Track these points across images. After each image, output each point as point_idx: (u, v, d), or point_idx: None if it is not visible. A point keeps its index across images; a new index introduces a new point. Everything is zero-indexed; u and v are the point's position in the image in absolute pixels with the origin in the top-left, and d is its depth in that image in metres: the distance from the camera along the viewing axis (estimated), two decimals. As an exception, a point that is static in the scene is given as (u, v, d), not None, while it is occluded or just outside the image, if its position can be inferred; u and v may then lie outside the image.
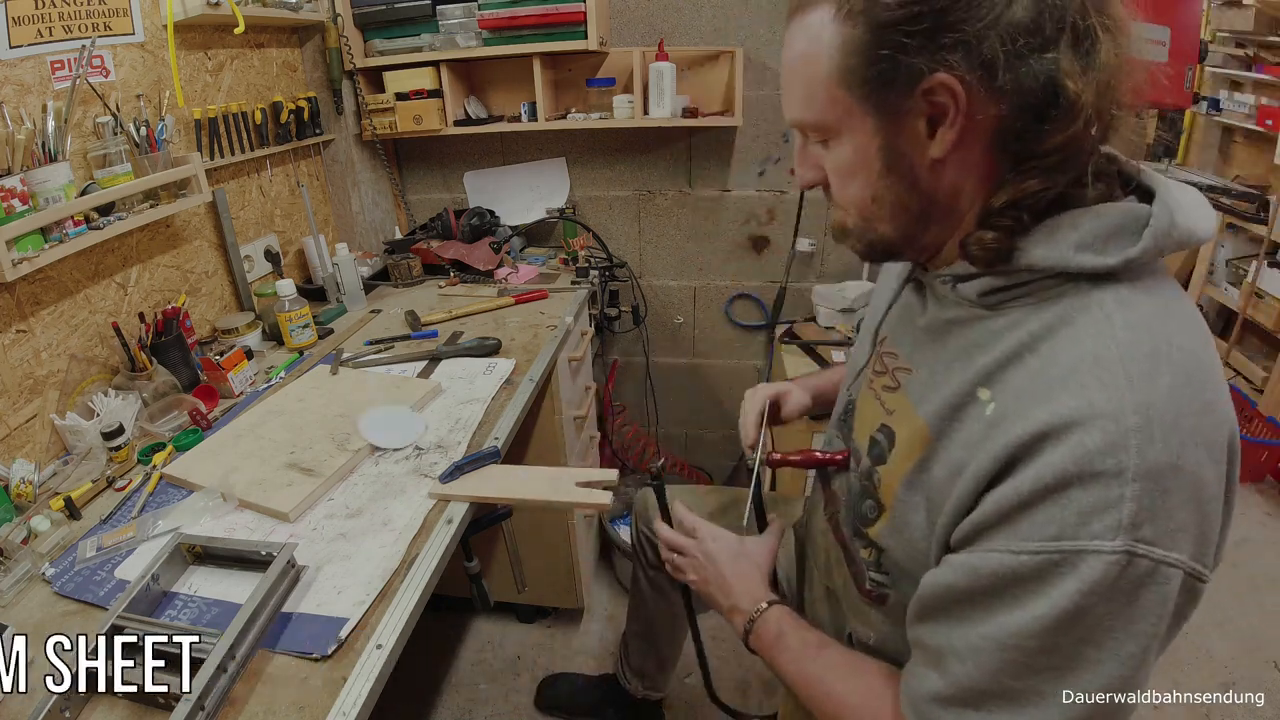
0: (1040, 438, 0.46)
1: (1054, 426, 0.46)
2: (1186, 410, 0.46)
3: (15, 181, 0.99)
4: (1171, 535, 0.45)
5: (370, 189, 1.96)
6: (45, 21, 1.09)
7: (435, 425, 1.13)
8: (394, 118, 1.79)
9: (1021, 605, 0.47)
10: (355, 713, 0.66)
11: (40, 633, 0.78)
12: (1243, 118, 2.53)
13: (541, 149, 1.97)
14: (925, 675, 0.55)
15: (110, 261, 1.25)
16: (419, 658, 1.74)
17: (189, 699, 0.64)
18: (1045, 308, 0.52)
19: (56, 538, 0.91)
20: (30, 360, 1.10)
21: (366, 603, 0.78)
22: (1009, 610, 0.48)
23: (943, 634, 0.53)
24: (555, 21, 1.64)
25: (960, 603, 0.51)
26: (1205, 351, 0.50)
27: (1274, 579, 1.87)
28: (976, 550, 0.50)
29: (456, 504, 0.94)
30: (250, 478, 0.99)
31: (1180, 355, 0.47)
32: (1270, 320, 2.36)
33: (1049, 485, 0.45)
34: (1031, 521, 0.46)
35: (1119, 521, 0.44)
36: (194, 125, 1.40)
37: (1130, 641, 0.46)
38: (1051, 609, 0.46)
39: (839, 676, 0.67)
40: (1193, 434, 0.45)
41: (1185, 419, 0.45)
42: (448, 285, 1.75)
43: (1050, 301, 0.52)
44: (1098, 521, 0.44)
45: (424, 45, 1.74)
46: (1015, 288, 0.53)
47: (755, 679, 1.63)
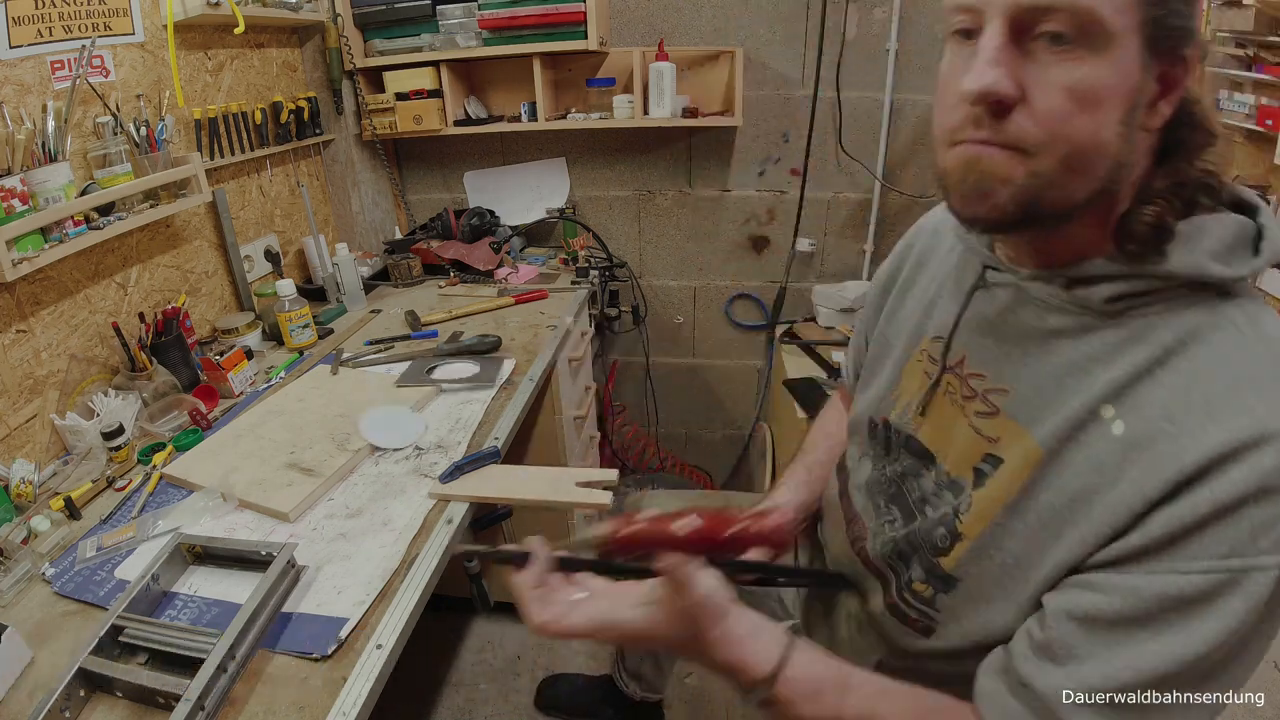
0: (1218, 460, 0.45)
1: (1231, 447, 0.44)
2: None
3: (15, 181, 0.99)
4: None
5: (370, 189, 1.96)
6: (45, 21, 1.09)
7: (435, 425, 1.13)
8: (394, 118, 1.80)
9: (1188, 627, 0.46)
10: (355, 712, 0.66)
11: (40, 633, 0.78)
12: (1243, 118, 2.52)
13: (541, 149, 1.98)
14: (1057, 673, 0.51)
15: (110, 261, 1.25)
16: (419, 658, 1.74)
17: (189, 699, 0.64)
18: (1171, 319, 0.49)
19: (56, 538, 0.91)
20: (30, 360, 1.10)
21: (366, 603, 0.78)
22: (1174, 633, 0.46)
23: (1088, 652, 0.50)
24: (555, 21, 1.64)
25: (1115, 626, 0.48)
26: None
27: (1274, 579, 1.86)
28: (1135, 572, 0.47)
29: (456, 504, 0.94)
30: (250, 478, 0.99)
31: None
32: (1270, 320, 2.36)
33: (1225, 506, 0.44)
34: (1202, 542, 0.45)
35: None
36: (194, 125, 1.40)
37: (1262, 647, 0.48)
38: (1220, 628, 0.45)
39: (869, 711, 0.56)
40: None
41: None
42: (448, 285, 1.75)
43: (1176, 313, 0.49)
44: (1265, 538, 0.44)
45: (424, 45, 1.74)
46: (1147, 294, 0.50)
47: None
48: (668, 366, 2.22)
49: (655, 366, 2.21)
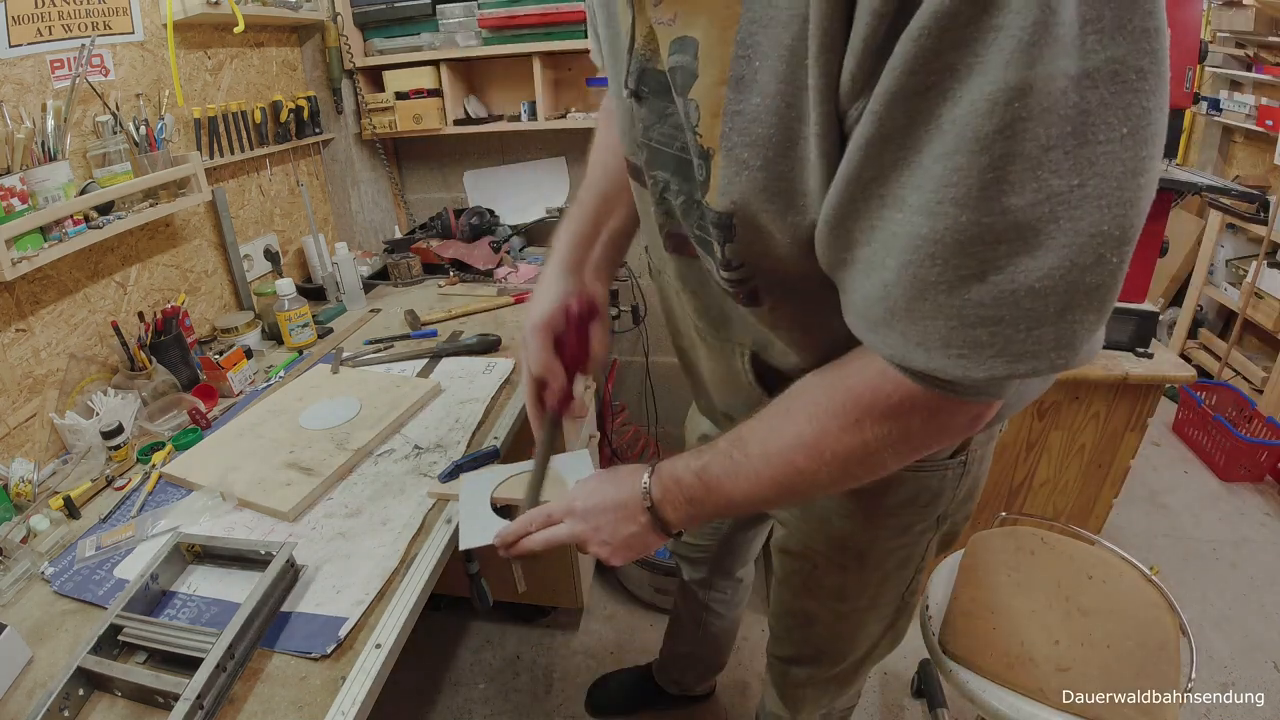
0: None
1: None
2: None
3: (15, 180, 0.99)
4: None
5: (370, 188, 1.96)
6: (45, 20, 1.09)
7: (435, 425, 1.13)
8: (394, 117, 1.79)
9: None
10: (354, 712, 0.66)
11: (40, 632, 0.78)
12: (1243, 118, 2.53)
13: (541, 148, 1.97)
14: (866, 283, 0.43)
15: (110, 261, 1.24)
16: (418, 657, 1.74)
17: (188, 698, 0.64)
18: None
19: (56, 537, 0.91)
20: (30, 359, 1.09)
21: (365, 602, 0.78)
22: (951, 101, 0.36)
23: (882, 196, 0.40)
24: (555, 21, 1.64)
25: (890, 141, 0.38)
26: None
27: (1274, 579, 1.87)
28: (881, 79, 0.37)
29: (456, 503, 0.94)
30: (249, 477, 0.99)
31: None
32: (1270, 320, 2.36)
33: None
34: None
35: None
36: (193, 124, 1.40)
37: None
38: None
39: (777, 434, 0.54)
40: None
41: None
42: (447, 284, 1.75)
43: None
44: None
45: (424, 44, 1.74)
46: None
47: (754, 679, 1.63)
48: (668, 366, 2.22)
49: (655, 366, 2.20)
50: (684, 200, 0.56)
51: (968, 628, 1.02)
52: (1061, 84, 0.34)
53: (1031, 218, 0.36)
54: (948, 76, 0.35)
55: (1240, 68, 2.58)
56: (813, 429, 0.51)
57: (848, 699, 1.07)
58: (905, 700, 1.58)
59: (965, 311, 0.39)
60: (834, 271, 0.47)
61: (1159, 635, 0.98)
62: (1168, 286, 2.93)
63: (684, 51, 0.48)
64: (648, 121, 0.56)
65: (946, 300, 0.39)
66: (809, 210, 0.46)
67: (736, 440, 0.57)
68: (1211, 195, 2.44)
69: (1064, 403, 1.41)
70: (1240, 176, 2.62)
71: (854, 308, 0.46)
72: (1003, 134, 0.35)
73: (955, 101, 0.35)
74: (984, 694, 0.96)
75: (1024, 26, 0.33)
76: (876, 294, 0.43)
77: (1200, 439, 2.39)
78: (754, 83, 0.44)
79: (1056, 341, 0.39)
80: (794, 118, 0.43)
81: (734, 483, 0.57)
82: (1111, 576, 1.08)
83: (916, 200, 0.38)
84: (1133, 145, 0.36)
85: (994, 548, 1.15)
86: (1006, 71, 0.33)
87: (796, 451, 0.52)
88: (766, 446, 0.54)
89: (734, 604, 1.35)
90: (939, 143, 0.36)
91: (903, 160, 0.38)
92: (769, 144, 0.45)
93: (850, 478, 0.54)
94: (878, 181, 0.40)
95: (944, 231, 0.37)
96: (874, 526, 0.76)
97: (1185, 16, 1.20)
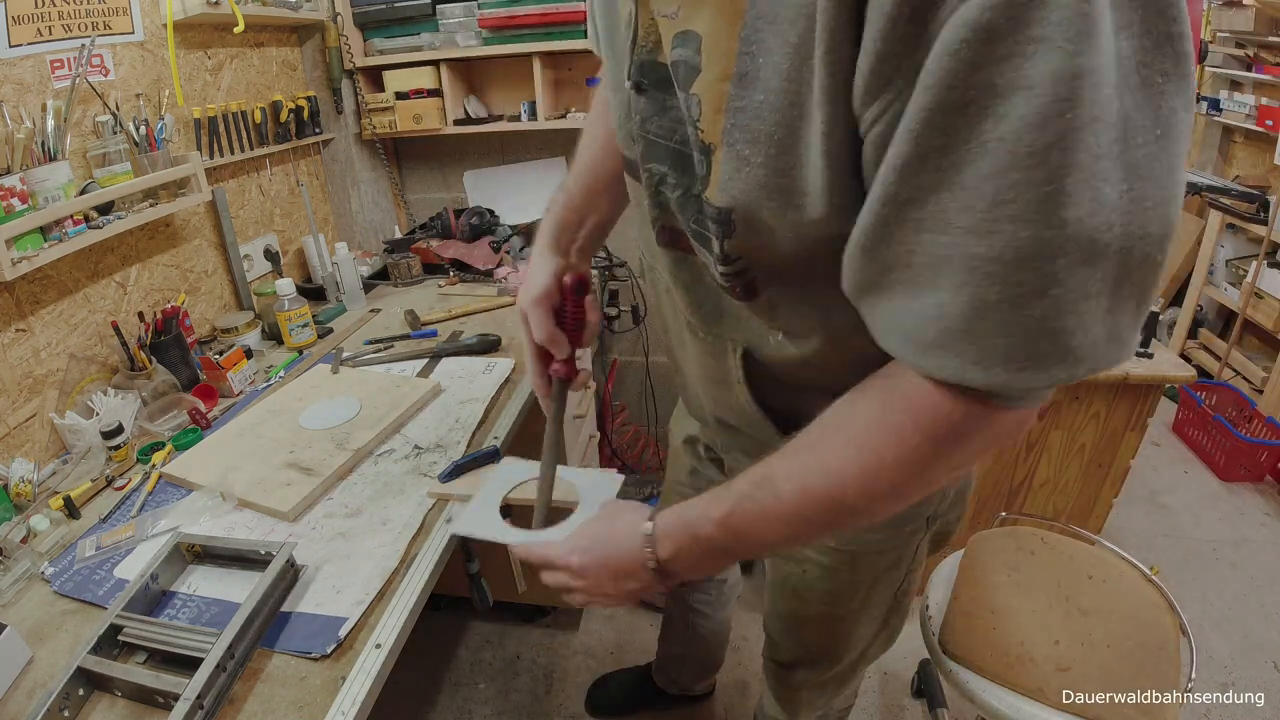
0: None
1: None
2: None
3: (15, 180, 0.99)
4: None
5: (370, 188, 1.96)
6: (45, 20, 1.09)
7: (435, 425, 1.13)
8: (394, 117, 1.79)
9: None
10: (354, 712, 0.66)
11: (39, 632, 0.78)
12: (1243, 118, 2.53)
13: (541, 148, 1.97)
14: (913, 305, 0.42)
15: (110, 261, 1.24)
16: (418, 657, 1.74)
17: (188, 698, 0.64)
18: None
19: (56, 537, 0.91)
20: (29, 359, 1.09)
21: (365, 602, 0.78)
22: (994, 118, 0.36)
23: (921, 209, 0.39)
24: (555, 21, 1.64)
25: (928, 161, 0.37)
26: None
27: (1274, 579, 1.87)
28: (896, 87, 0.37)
29: (456, 503, 0.94)
30: (249, 477, 0.99)
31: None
32: (1270, 320, 2.36)
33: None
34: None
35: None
36: (194, 124, 1.40)
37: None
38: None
39: (817, 467, 0.50)
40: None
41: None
42: (447, 284, 1.75)
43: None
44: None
45: (424, 44, 1.74)
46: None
47: (754, 679, 1.63)
48: (667, 366, 2.21)
49: (655, 366, 2.20)
50: (681, 194, 0.55)
51: (968, 628, 1.02)
52: (1106, 92, 0.34)
53: (1090, 228, 0.36)
54: (987, 93, 0.34)
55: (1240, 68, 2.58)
56: (864, 459, 0.48)
57: (844, 699, 1.07)
58: (905, 700, 1.58)
59: (1028, 327, 0.39)
60: (863, 293, 0.46)
61: (1159, 635, 0.98)
62: (1168, 286, 2.93)
63: (687, 46, 0.47)
64: (646, 114, 0.56)
65: (1009, 318, 0.39)
66: (808, 209, 0.45)
67: (763, 481, 0.53)
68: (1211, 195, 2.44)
69: (1064, 403, 1.41)
70: (1240, 176, 2.62)
71: (896, 330, 0.45)
72: (1057, 147, 0.34)
73: (999, 118, 0.35)
74: (984, 694, 0.96)
75: (1068, 38, 0.32)
76: (928, 315, 0.41)
77: (1200, 439, 2.39)
78: (758, 79, 0.43)
79: (1110, 339, 0.40)
80: (797, 116, 0.43)
81: (766, 526, 0.53)
82: (1111, 576, 1.08)
83: (967, 221, 0.37)
84: (1167, 145, 0.36)
85: (994, 548, 1.15)
86: (1056, 85, 0.33)
87: (846, 486, 0.49)
88: (806, 482, 0.50)
89: (719, 605, 1.35)
90: (985, 162, 0.36)
91: (943, 181, 0.37)
92: (771, 141, 0.44)
93: (904, 503, 0.51)
94: (915, 204, 0.39)
95: (1002, 249, 0.37)
96: (865, 529, 0.76)
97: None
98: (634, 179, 0.64)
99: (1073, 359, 0.40)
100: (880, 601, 0.85)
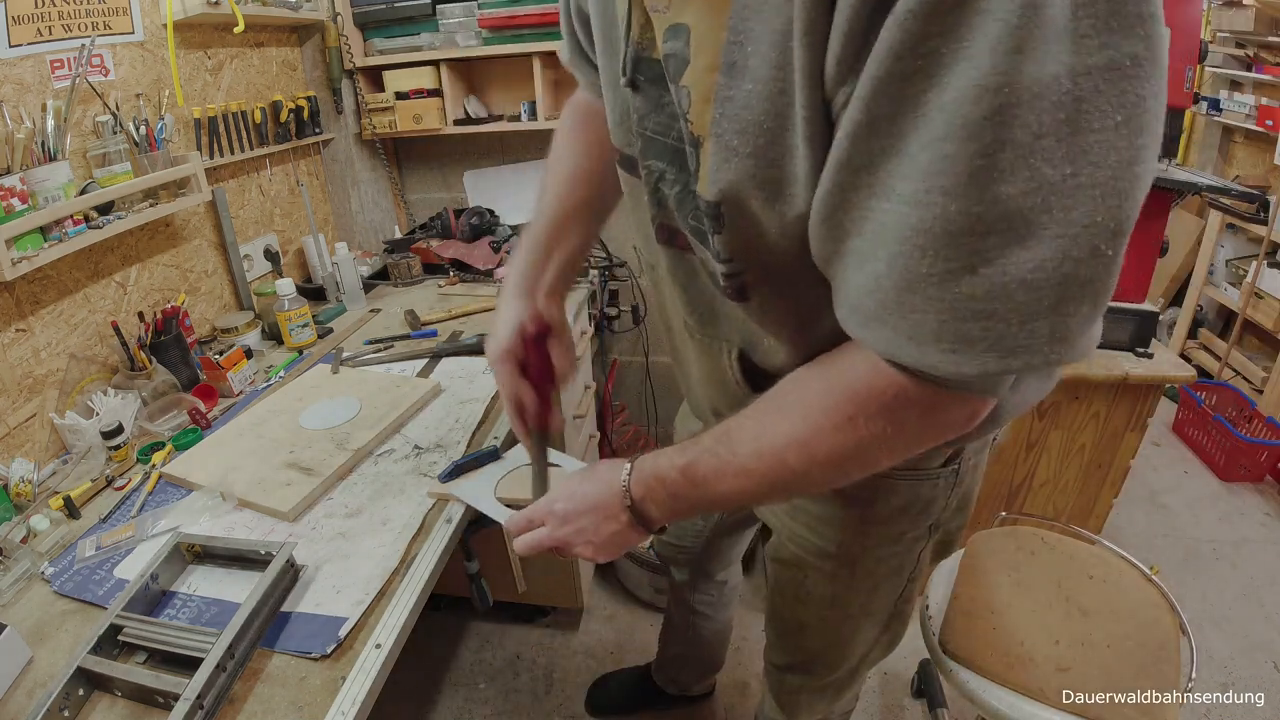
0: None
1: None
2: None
3: (15, 180, 0.99)
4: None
5: (370, 188, 1.96)
6: (45, 20, 1.09)
7: (435, 425, 1.13)
8: (394, 117, 1.79)
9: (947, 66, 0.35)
10: (354, 712, 0.66)
11: (39, 632, 0.78)
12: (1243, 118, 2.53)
13: (541, 148, 1.96)
14: (858, 276, 0.43)
15: (110, 261, 1.24)
16: (418, 657, 1.74)
17: (188, 698, 0.64)
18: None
19: (56, 537, 0.91)
20: (30, 359, 1.09)
21: (365, 602, 0.78)
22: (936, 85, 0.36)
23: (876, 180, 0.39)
24: (555, 21, 1.63)
25: (877, 128, 0.38)
26: None
27: (1274, 579, 1.87)
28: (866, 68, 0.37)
29: (455, 503, 0.94)
30: (249, 477, 0.99)
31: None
32: (1270, 320, 2.36)
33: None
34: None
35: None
36: (194, 124, 1.40)
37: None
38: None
39: (768, 431, 0.52)
40: None
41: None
42: (447, 284, 1.75)
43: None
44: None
45: (424, 44, 1.74)
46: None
47: (754, 679, 1.63)
48: (668, 366, 2.22)
49: (655, 366, 2.20)
50: (679, 190, 0.55)
51: (968, 628, 1.02)
52: (1053, 70, 0.33)
53: (1023, 207, 0.35)
54: (933, 62, 0.34)
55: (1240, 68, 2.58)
56: (805, 426, 0.50)
57: (845, 703, 1.07)
58: (905, 700, 1.58)
59: (956, 305, 0.39)
60: (827, 266, 0.46)
61: (1159, 635, 0.98)
62: (1168, 286, 2.93)
63: (677, 38, 0.47)
64: (643, 111, 0.55)
65: (937, 293, 0.39)
66: (796, 200, 0.45)
67: (723, 436, 0.56)
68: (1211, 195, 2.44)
69: (1064, 403, 1.41)
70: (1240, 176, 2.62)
71: (845, 302, 0.45)
72: (992, 120, 0.34)
73: (942, 88, 0.35)
74: (984, 694, 0.96)
75: (1012, 10, 0.32)
76: (867, 287, 0.42)
77: (1200, 439, 2.39)
78: (745, 69, 0.43)
79: (1051, 335, 0.39)
80: (785, 104, 0.42)
81: (720, 480, 0.56)
82: (1111, 576, 1.08)
83: (905, 189, 0.37)
84: (1127, 134, 0.35)
85: (994, 548, 1.15)
86: (994, 57, 0.33)
87: (788, 449, 0.51)
88: (758, 444, 0.53)
89: (720, 606, 1.35)
90: (926, 130, 0.36)
91: (890, 148, 0.37)
92: (759, 130, 0.44)
93: (843, 475, 0.53)
94: (867, 170, 0.39)
95: (933, 221, 0.37)
96: (865, 535, 0.76)
97: (1185, 16, 1.19)
98: (633, 177, 0.65)
99: (1004, 348, 0.39)
100: (881, 609, 0.84)
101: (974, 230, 0.36)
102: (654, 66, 0.52)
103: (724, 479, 0.56)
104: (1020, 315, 0.38)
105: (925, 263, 0.38)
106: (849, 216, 0.41)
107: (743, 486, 0.55)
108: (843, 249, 0.43)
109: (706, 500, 0.58)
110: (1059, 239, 0.36)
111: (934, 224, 0.37)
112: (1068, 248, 0.36)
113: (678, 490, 0.58)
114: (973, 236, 0.36)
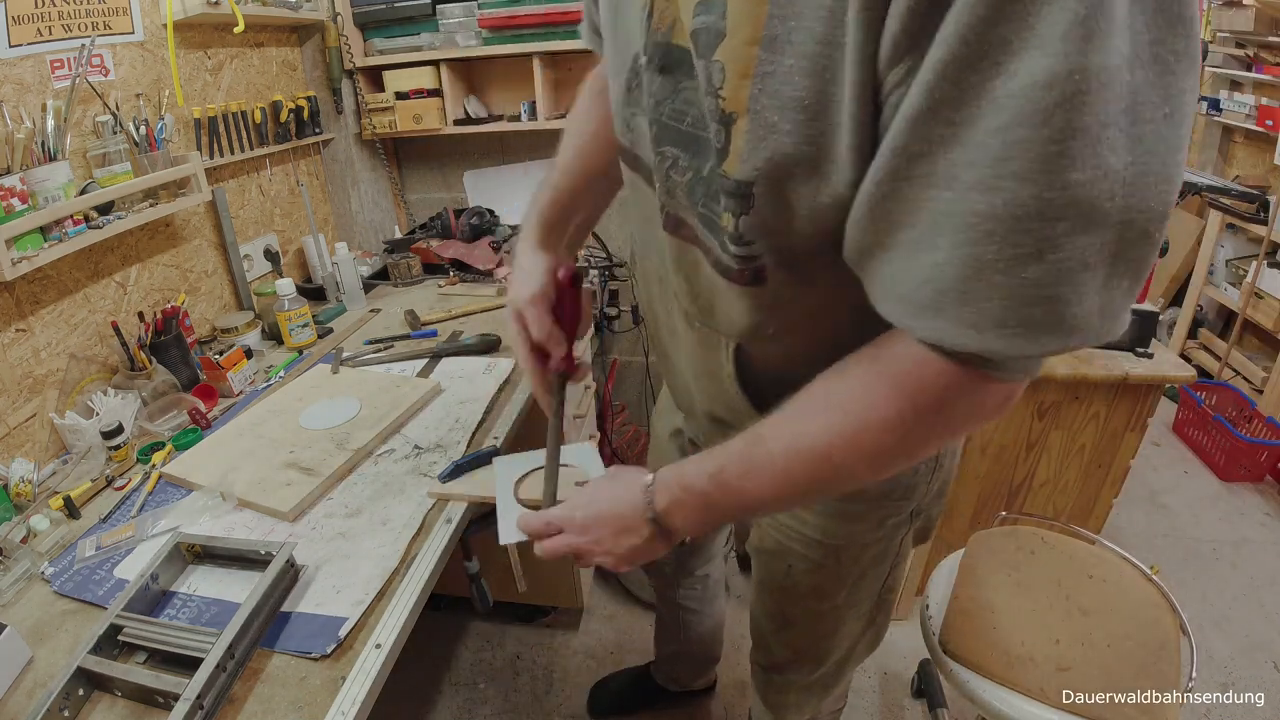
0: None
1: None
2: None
3: (15, 180, 0.99)
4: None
5: (370, 188, 1.96)
6: (45, 20, 1.09)
7: (435, 425, 1.13)
8: (394, 117, 1.80)
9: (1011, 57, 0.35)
10: (354, 712, 0.66)
11: (39, 632, 0.78)
12: (1243, 118, 2.53)
13: (541, 148, 1.97)
14: (911, 266, 0.42)
15: (110, 261, 1.24)
16: (418, 657, 1.74)
17: (188, 698, 0.64)
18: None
19: (56, 537, 0.91)
20: (29, 359, 1.09)
21: (365, 602, 0.78)
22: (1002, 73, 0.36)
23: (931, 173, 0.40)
24: (555, 21, 1.64)
25: (939, 115, 0.38)
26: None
27: (1274, 579, 1.87)
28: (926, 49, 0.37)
29: (456, 503, 0.94)
30: (250, 477, 0.99)
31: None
32: (1270, 320, 2.36)
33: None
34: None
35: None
36: (194, 124, 1.40)
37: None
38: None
39: (807, 429, 0.51)
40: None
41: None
42: (447, 284, 1.75)
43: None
44: None
45: (424, 44, 1.74)
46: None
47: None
48: (667, 366, 2.22)
49: (655, 366, 2.20)
50: (690, 177, 0.55)
51: (968, 627, 1.02)
52: (1116, 61, 0.34)
53: (1092, 194, 0.36)
54: (1001, 49, 0.35)
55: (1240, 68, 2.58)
56: (850, 421, 0.49)
57: (833, 701, 1.06)
58: (905, 700, 1.58)
59: (1023, 290, 0.39)
60: (865, 258, 0.45)
61: (1159, 635, 0.98)
62: (1168, 286, 2.93)
63: (711, 11, 0.46)
64: (660, 96, 0.55)
65: (1003, 280, 0.39)
66: (833, 179, 0.44)
67: (755, 439, 0.54)
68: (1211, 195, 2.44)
69: (1064, 403, 1.41)
70: (1240, 176, 2.62)
71: (892, 293, 0.45)
72: (1063, 107, 0.34)
73: (1010, 75, 0.35)
74: (984, 694, 0.96)
75: (1083, 2, 0.33)
76: (922, 276, 0.42)
77: (1200, 439, 2.39)
78: (788, 43, 0.42)
79: (1102, 313, 0.40)
80: (829, 80, 0.42)
81: (755, 483, 0.54)
82: (1112, 576, 1.08)
83: (971, 176, 0.37)
84: (1173, 125, 0.36)
85: (994, 547, 1.15)
86: (1066, 44, 0.33)
87: (832, 446, 0.50)
88: (796, 443, 0.52)
89: (707, 600, 1.36)
90: (994, 117, 0.36)
91: (953, 136, 0.37)
92: (800, 107, 0.43)
93: (886, 469, 0.52)
94: (925, 158, 0.39)
95: (1003, 207, 0.37)
96: (849, 522, 0.76)
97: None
98: (631, 169, 0.64)
99: (1065, 329, 0.40)
100: (866, 597, 0.85)
101: (1044, 215, 0.37)
102: (673, 52, 0.52)
103: (759, 481, 0.54)
104: (1078, 296, 0.39)
105: (993, 249, 0.38)
106: (900, 207, 0.41)
107: (780, 489, 0.54)
108: (890, 241, 0.43)
109: (741, 507, 0.57)
110: (1118, 225, 0.37)
111: (1004, 209, 0.37)
112: (1124, 232, 0.37)
113: (710, 499, 0.57)
114: (1043, 222, 0.37)
